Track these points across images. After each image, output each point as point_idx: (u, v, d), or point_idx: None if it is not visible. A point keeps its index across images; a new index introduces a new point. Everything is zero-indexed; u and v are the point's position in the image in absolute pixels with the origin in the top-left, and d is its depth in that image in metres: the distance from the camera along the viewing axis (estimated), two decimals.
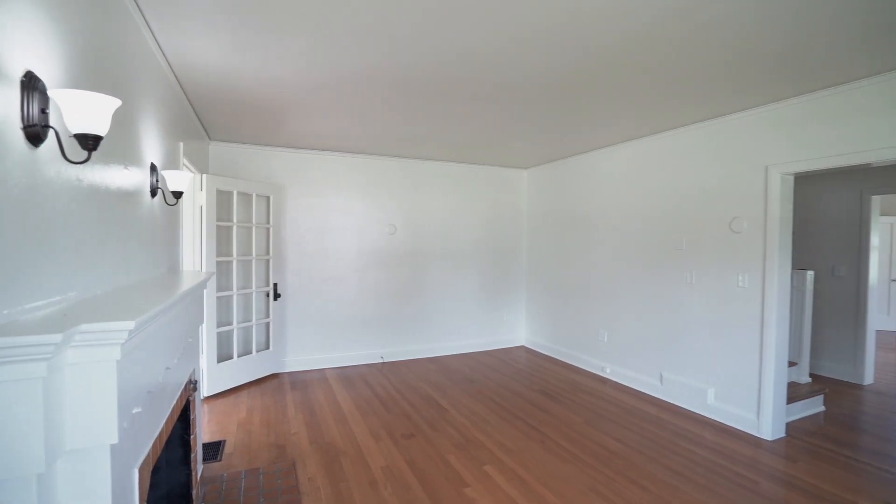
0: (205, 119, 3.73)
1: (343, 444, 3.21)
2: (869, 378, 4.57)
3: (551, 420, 3.64)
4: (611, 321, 4.70)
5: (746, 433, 3.38)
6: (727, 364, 3.54)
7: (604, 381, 4.66)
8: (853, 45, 2.30)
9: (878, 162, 2.74)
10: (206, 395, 4.05)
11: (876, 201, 4.53)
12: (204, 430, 3.41)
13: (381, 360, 5.38)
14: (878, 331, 7.06)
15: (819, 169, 2.98)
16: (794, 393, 3.68)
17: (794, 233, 4.94)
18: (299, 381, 4.66)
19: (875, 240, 4.56)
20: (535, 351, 5.91)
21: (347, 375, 4.84)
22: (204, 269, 3.92)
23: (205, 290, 3.57)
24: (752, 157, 3.36)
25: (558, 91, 3.02)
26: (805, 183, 4.94)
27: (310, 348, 5.05)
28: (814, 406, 3.80)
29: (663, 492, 2.61)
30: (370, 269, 5.30)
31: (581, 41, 2.28)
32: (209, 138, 4.41)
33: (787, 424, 3.45)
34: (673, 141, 3.98)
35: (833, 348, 4.74)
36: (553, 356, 5.60)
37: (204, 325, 3.97)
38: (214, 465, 2.90)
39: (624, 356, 4.54)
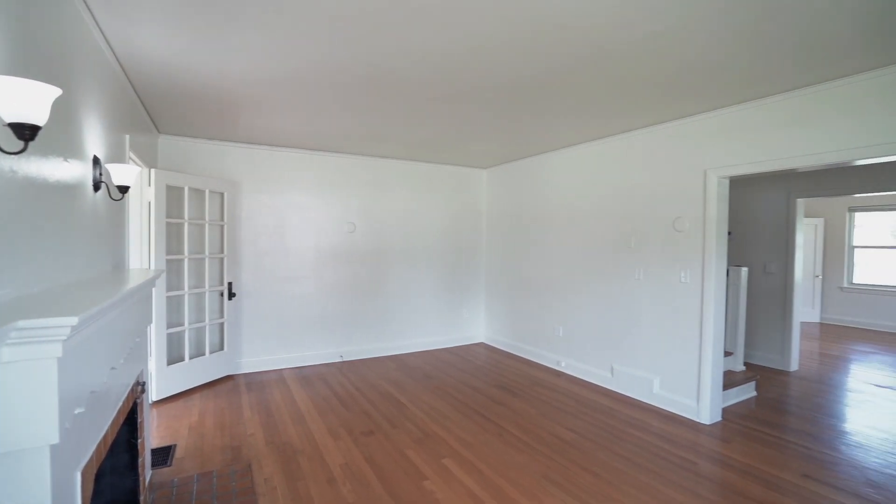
0: (153, 111, 3.57)
1: (301, 444, 3.18)
2: (794, 365, 4.98)
3: (508, 413, 3.75)
4: (566, 317, 4.88)
5: (688, 419, 3.61)
6: (671, 355, 3.77)
7: (559, 374, 4.83)
8: (781, 59, 2.51)
9: (802, 167, 3.00)
10: (155, 398, 3.88)
11: (801, 204, 4.95)
12: (153, 435, 3.27)
13: (340, 360, 5.33)
14: (802, 322, 7.70)
15: (750, 173, 3.23)
16: (730, 380, 3.97)
17: (731, 232, 5.32)
18: (255, 382, 4.55)
19: (800, 239, 4.97)
20: (494, 347, 6.04)
21: (306, 375, 4.76)
22: (153, 267, 3.76)
23: (154, 289, 3.42)
24: (692, 161, 3.59)
25: (516, 95, 3.12)
26: (742, 186, 5.32)
27: (267, 349, 4.94)
28: (747, 392, 4.12)
29: (612, 476, 2.75)
30: (329, 267, 5.25)
31: (538, 51, 2.37)
32: (158, 131, 4.22)
33: (724, 409, 3.72)
34: (623, 144, 4.18)
35: (764, 339, 5.13)
36: (511, 352, 5.74)
37: (153, 326, 3.81)
38: (164, 471, 2.79)
39: (578, 350, 4.73)
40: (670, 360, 3.78)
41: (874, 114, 2.62)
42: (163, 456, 2.96)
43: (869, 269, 7.66)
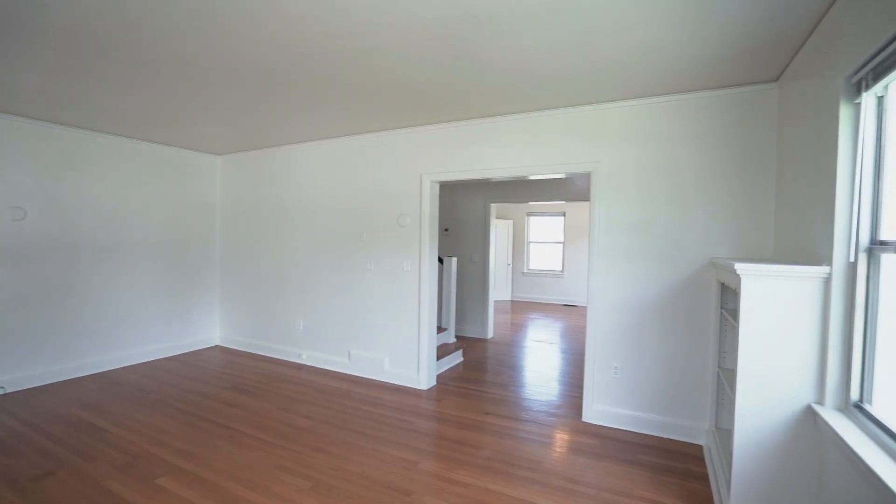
0: None
1: None
2: (491, 334, 6.43)
3: (242, 414, 3.58)
4: (306, 310, 4.95)
5: (411, 388, 4.22)
6: (398, 335, 4.32)
7: (301, 367, 4.87)
8: (477, 93, 3.21)
9: (493, 178, 3.89)
10: None
11: (494, 207, 6.39)
12: None
13: (0, 392, 3.98)
14: (499, 300, 9.91)
15: (454, 179, 4.01)
16: (444, 351, 4.83)
17: (448, 229, 6.40)
18: None
19: (493, 235, 6.43)
20: (231, 349, 5.59)
21: None
22: None
23: None
24: (412, 166, 4.19)
25: (251, 81, 2.99)
26: (455, 190, 6.48)
27: None
28: (456, 359, 5.09)
29: (343, 451, 2.99)
30: None
31: (271, 41, 2.34)
32: None
33: (439, 376, 4.51)
34: (358, 145, 4.52)
35: (471, 315, 6.42)
36: (251, 351, 5.44)
37: None
38: None
39: (318, 341, 4.87)
40: (397, 339, 4.32)
41: (542, 143, 3.63)
42: None
43: (540, 259, 10.47)
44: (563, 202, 9.20)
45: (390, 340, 4.37)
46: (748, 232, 2.98)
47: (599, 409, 3.45)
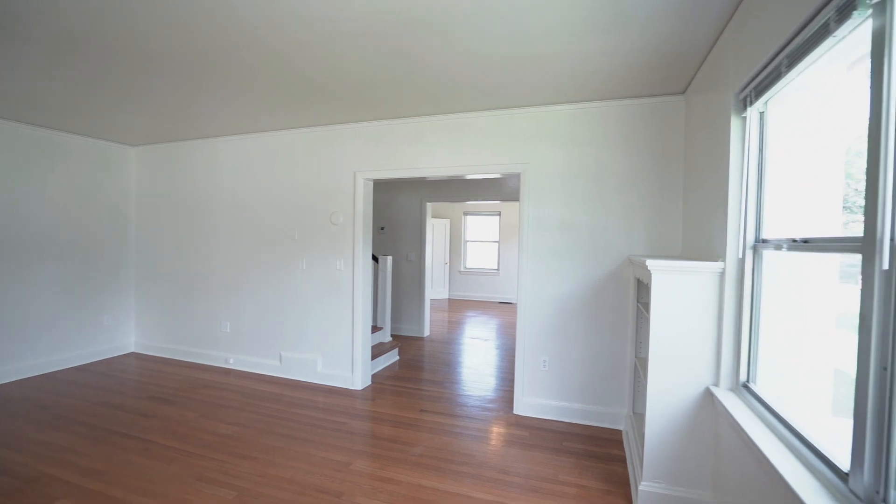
0: None
1: None
2: (427, 332, 6.47)
3: (159, 424, 3.33)
4: (234, 312, 4.70)
5: (345, 388, 4.15)
6: (331, 335, 4.22)
7: (228, 372, 4.62)
8: (410, 92, 3.21)
9: (429, 177, 3.91)
10: None
11: (429, 207, 6.43)
12: None
13: None
14: (436, 299, 9.99)
15: (388, 177, 3.99)
16: (379, 350, 4.79)
17: (384, 228, 6.36)
18: None
19: (429, 234, 6.47)
20: (148, 356, 5.18)
21: None
22: None
23: None
24: (345, 163, 4.12)
25: (175, 67, 2.78)
26: (391, 189, 6.44)
27: None
28: (392, 357, 5.07)
29: (272, 457, 2.87)
30: None
31: (193, 28, 2.20)
32: None
33: (374, 375, 4.47)
34: (290, 140, 4.36)
35: (407, 313, 6.42)
36: (172, 357, 5.07)
37: None
38: None
39: (247, 344, 4.64)
40: (331, 339, 4.23)
41: (474, 143, 3.70)
42: None
43: (476, 258, 10.68)
44: (499, 202, 9.46)
45: (324, 341, 4.27)
46: (661, 231, 3.24)
47: (529, 402, 3.59)
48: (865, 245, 1.13)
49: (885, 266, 1.03)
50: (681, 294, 2.24)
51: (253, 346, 4.62)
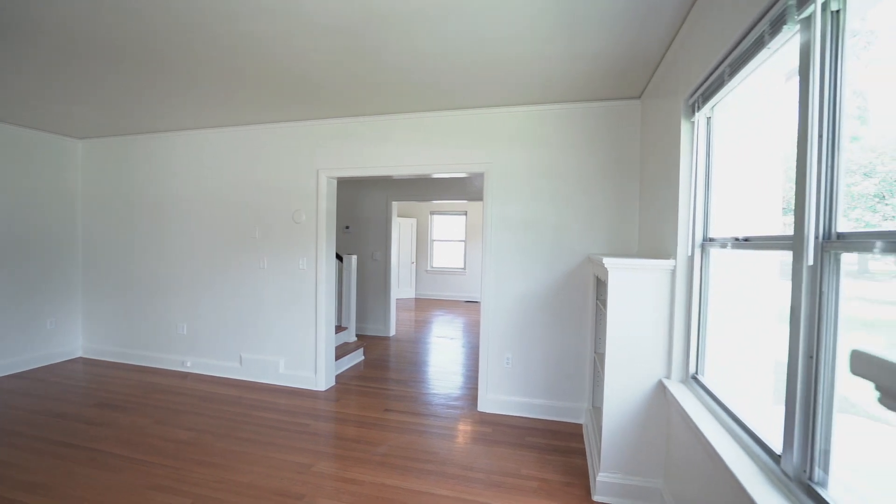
0: None
1: None
2: (393, 331, 6.44)
3: (109, 433, 3.17)
4: (191, 313, 4.53)
5: (308, 390, 4.07)
6: (294, 336, 4.14)
7: (185, 375, 4.45)
8: (368, 89, 3.18)
9: (394, 176, 3.88)
10: None
11: (395, 206, 6.40)
12: None
13: None
14: (403, 298, 9.97)
15: (353, 176, 3.95)
16: (344, 350, 4.73)
17: (349, 227, 6.29)
18: None
19: (395, 233, 6.44)
20: (98, 360, 4.91)
21: None
22: None
23: None
24: (308, 161, 4.05)
25: (130, 57, 2.64)
26: (356, 187, 6.37)
27: None
28: (357, 357, 5.02)
29: (231, 461, 2.79)
30: None
31: (144, 14, 2.10)
32: None
33: (338, 375, 4.41)
34: (250, 136, 4.24)
35: (372, 313, 6.37)
36: (124, 361, 4.84)
37: None
38: None
39: (205, 346, 4.48)
40: (293, 340, 4.15)
41: (439, 142, 3.71)
42: None
43: (443, 257, 10.71)
44: (465, 202, 9.53)
45: (286, 342, 4.17)
46: (619, 231, 3.36)
47: (493, 398, 3.64)
48: (795, 243, 1.21)
49: (811, 262, 1.11)
50: (636, 291, 2.33)
51: (211, 348, 4.46)
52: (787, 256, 1.74)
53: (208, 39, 2.44)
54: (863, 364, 0.50)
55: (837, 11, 1.08)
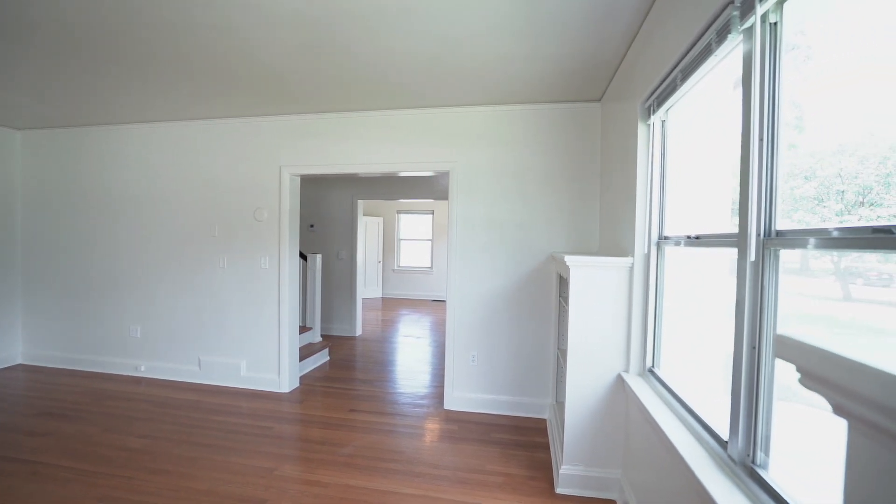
0: None
1: None
2: (359, 331, 6.37)
3: (52, 443, 2.99)
4: (145, 315, 4.32)
5: (272, 392, 3.98)
6: (256, 337, 4.03)
7: (139, 381, 4.24)
8: (331, 86, 3.13)
9: (359, 173, 3.83)
10: None
11: (361, 204, 6.33)
12: None
13: None
14: (369, 297, 9.87)
15: (316, 173, 3.87)
16: (309, 351, 4.64)
17: (314, 225, 6.17)
18: None
19: (361, 232, 6.37)
20: (41, 367, 4.61)
21: None
22: None
23: None
24: (271, 157, 3.94)
25: (80, 44, 2.49)
26: (320, 186, 6.26)
27: None
28: (322, 358, 4.94)
29: (189, 468, 2.69)
30: None
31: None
32: None
33: (302, 377, 4.32)
34: (207, 129, 4.08)
35: (338, 313, 6.28)
36: (71, 367, 4.56)
37: None
38: None
39: (161, 349, 4.29)
40: (255, 342, 4.03)
41: (404, 140, 3.69)
42: None
43: (410, 256, 10.68)
44: (432, 200, 9.54)
45: (248, 343, 4.05)
46: (581, 229, 3.45)
47: (459, 396, 3.67)
48: (740, 240, 1.29)
49: (753, 258, 1.18)
50: (596, 288, 2.40)
51: (168, 352, 4.28)
52: (734, 253, 1.84)
53: (156, 27, 2.33)
54: (786, 348, 0.54)
55: (775, 24, 1.15)
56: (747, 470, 1.24)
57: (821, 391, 0.52)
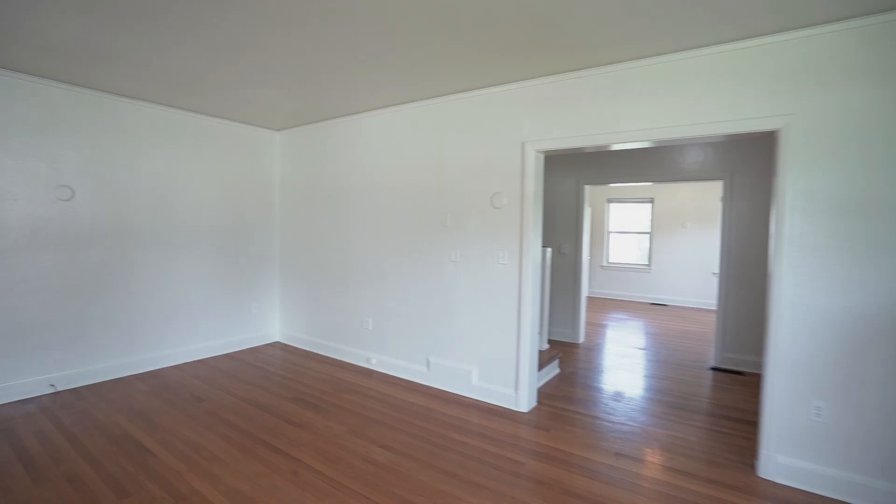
0: None
1: None
2: (582, 338, 5.48)
3: (307, 437, 2.91)
4: (376, 306, 4.25)
5: (506, 409, 3.40)
6: (489, 342, 3.50)
7: (370, 373, 4.19)
8: (615, 23, 2.30)
9: (622, 145, 2.91)
10: None
11: (587, 190, 5.39)
12: None
13: (52, 391, 3.58)
14: None
15: (566, 147, 3.09)
16: (540, 361, 3.96)
17: None
18: None
19: (587, 223, 5.44)
20: (292, 347, 5.03)
21: None
22: None
23: None
24: (510, 133, 3.33)
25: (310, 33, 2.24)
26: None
27: None
28: (553, 370, 4.21)
29: (440, 501, 2.22)
30: (26, 252, 3.42)
31: None
32: None
33: (537, 391, 3.65)
34: (438, 110, 3.71)
35: (559, 315, 5.49)
36: (313, 350, 4.85)
37: None
38: None
39: (390, 344, 4.16)
40: (489, 347, 3.51)
41: (690, 93, 2.67)
42: None
43: (620, 251, 9.30)
44: (651, 184, 8.03)
45: (480, 348, 3.56)
46: None
47: (787, 464, 2.46)
48: None
49: None
50: None
51: (396, 347, 4.12)
52: None
53: None
54: None
55: None
56: None
57: None
